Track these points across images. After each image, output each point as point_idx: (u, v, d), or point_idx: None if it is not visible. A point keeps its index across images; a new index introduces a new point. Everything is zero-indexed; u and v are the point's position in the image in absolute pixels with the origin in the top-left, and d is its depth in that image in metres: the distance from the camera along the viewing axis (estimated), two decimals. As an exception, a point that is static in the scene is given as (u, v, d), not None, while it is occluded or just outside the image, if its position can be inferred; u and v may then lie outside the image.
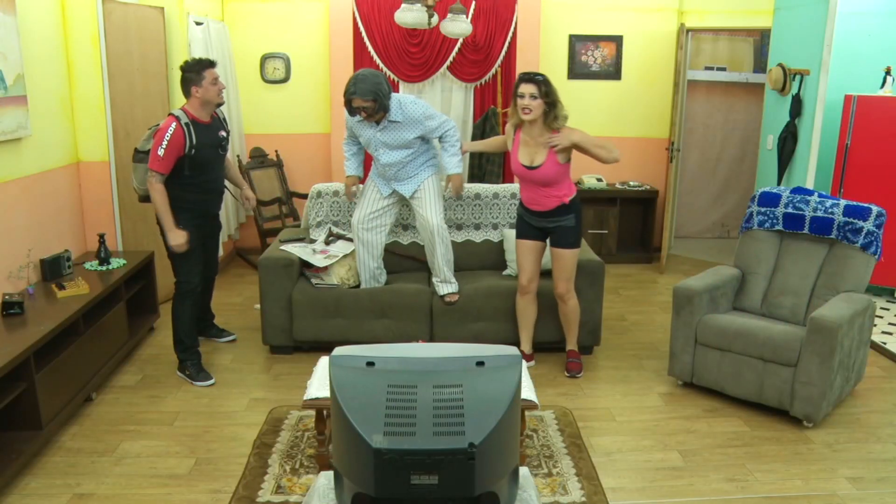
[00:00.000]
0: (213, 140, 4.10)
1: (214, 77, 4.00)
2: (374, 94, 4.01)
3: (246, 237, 6.82)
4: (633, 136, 7.00)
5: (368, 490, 1.59)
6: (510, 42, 6.45)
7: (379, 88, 4.03)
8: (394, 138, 4.24)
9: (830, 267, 4.01)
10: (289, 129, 6.74)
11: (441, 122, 4.31)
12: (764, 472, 3.31)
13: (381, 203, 4.46)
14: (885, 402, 4.06)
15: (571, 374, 4.31)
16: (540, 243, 4.20)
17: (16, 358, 3.08)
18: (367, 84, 4.01)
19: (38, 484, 3.14)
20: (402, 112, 4.18)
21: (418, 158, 4.37)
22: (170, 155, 3.89)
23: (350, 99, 4.06)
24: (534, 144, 4.01)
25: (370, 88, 4.01)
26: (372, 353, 1.68)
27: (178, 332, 4.21)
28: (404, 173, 4.37)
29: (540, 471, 3.28)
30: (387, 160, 4.30)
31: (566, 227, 4.08)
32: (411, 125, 4.22)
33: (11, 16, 3.83)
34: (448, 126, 4.34)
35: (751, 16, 6.63)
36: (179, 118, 3.93)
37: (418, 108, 4.21)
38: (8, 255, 3.88)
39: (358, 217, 4.45)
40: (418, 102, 4.25)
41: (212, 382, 4.17)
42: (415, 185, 4.41)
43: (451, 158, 4.41)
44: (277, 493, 3.09)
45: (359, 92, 4.01)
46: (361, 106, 4.05)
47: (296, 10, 6.52)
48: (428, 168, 4.44)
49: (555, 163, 3.95)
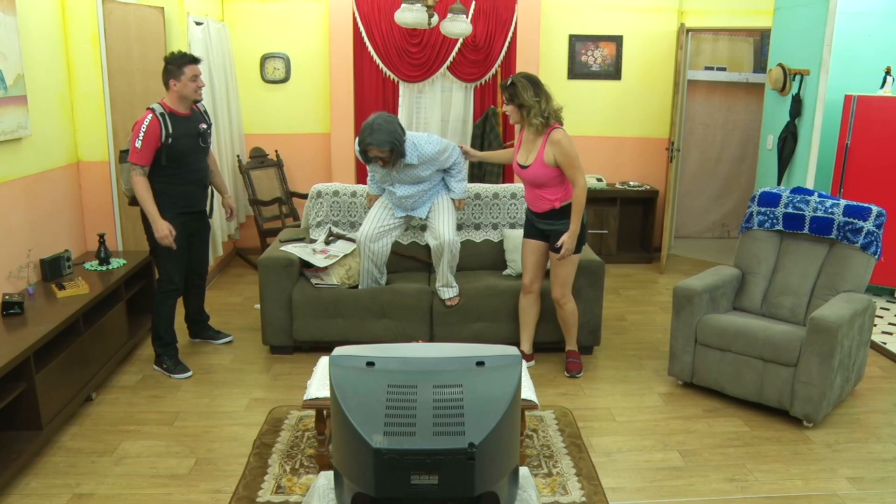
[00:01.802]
0: (192, 131, 4.11)
1: (194, 74, 4.00)
2: (391, 143, 3.98)
3: (246, 237, 6.82)
4: (633, 136, 7.00)
5: (368, 490, 1.59)
6: (510, 42, 6.45)
7: (395, 137, 3.99)
8: (409, 176, 4.26)
9: (830, 267, 4.01)
10: (289, 129, 6.74)
11: (451, 152, 4.32)
12: (764, 472, 3.31)
13: (390, 220, 4.43)
14: (885, 402, 4.05)
15: (571, 375, 4.31)
16: (542, 244, 4.20)
17: (16, 358, 3.08)
18: (382, 134, 3.96)
19: (38, 484, 3.14)
20: (418, 153, 4.16)
21: (434, 187, 4.42)
22: (147, 146, 3.91)
23: (366, 149, 4.03)
24: (529, 144, 4.04)
25: (387, 139, 3.96)
26: (372, 353, 1.68)
27: (158, 328, 4.25)
28: (420, 201, 4.40)
29: (540, 471, 3.28)
30: (403, 193, 4.32)
31: (562, 232, 4.08)
32: (427, 164, 4.23)
33: (11, 16, 3.82)
34: (456, 154, 4.37)
35: (751, 16, 6.63)
36: (155, 110, 3.97)
37: (432, 147, 4.20)
38: (8, 255, 3.88)
39: (365, 232, 4.37)
40: (432, 140, 4.22)
41: (189, 375, 4.21)
42: (428, 206, 4.44)
43: (458, 184, 4.46)
44: (277, 493, 3.09)
45: (375, 142, 3.96)
46: (378, 156, 4.04)
47: (296, 10, 6.52)
48: (440, 190, 4.48)
49: (542, 164, 3.96)
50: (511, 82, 3.94)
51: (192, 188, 4.22)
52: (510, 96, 3.95)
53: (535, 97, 3.90)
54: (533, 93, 3.90)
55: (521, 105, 3.92)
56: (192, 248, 4.38)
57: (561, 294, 4.19)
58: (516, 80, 3.94)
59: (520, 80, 3.93)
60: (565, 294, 4.20)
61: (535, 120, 3.91)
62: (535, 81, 3.95)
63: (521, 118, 3.98)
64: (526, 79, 3.94)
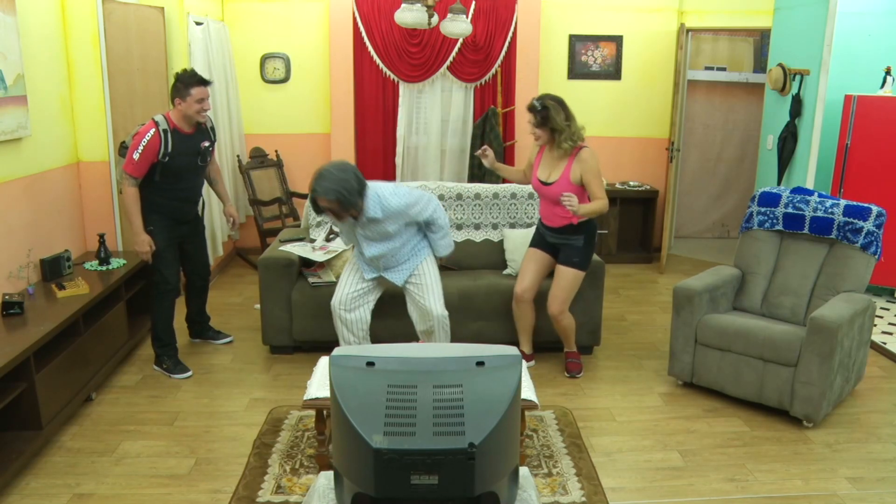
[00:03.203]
0: (191, 149, 4.08)
1: (201, 97, 3.96)
2: (336, 193, 3.47)
3: (246, 237, 6.82)
4: (633, 136, 7.00)
5: (368, 490, 1.59)
6: (510, 42, 6.45)
7: (343, 186, 3.47)
8: (375, 232, 3.79)
9: (830, 267, 4.01)
10: (289, 129, 6.74)
11: (424, 205, 3.81)
12: (764, 472, 3.31)
13: (363, 284, 4.03)
14: (885, 402, 4.05)
15: (571, 375, 4.31)
16: (547, 257, 4.21)
17: (16, 358, 3.08)
18: (330, 182, 3.47)
19: (38, 484, 3.14)
20: (382, 207, 3.66)
21: (407, 245, 3.92)
22: (144, 160, 3.92)
23: (314, 197, 3.55)
24: (552, 162, 4.04)
25: (333, 187, 3.46)
26: (372, 353, 1.68)
27: (156, 328, 4.26)
28: (394, 262, 3.94)
29: (540, 471, 3.28)
30: (371, 253, 3.87)
31: (573, 246, 4.08)
32: (394, 219, 3.74)
33: (11, 16, 3.82)
34: (431, 209, 3.85)
35: (751, 16, 6.63)
36: (159, 124, 3.95)
37: (399, 200, 3.71)
38: (8, 255, 3.88)
39: (338, 299, 4.00)
40: (398, 192, 3.73)
41: (189, 375, 4.22)
42: (407, 271, 3.98)
43: (441, 241, 3.99)
44: (277, 493, 3.09)
45: (321, 191, 3.48)
46: (327, 207, 3.56)
47: (296, 10, 6.52)
48: (421, 251, 3.99)
49: (567, 182, 3.97)
50: (543, 106, 3.92)
51: (180, 203, 4.21)
52: (542, 119, 3.92)
53: (566, 121, 3.92)
54: (564, 116, 3.92)
55: (553, 129, 3.92)
56: (188, 252, 4.39)
57: (559, 310, 4.17)
58: (548, 104, 3.92)
59: (551, 104, 3.92)
60: (563, 310, 4.19)
61: (565, 144, 3.93)
62: (564, 104, 3.96)
63: (550, 140, 3.99)
64: (556, 101, 3.94)
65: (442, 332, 4.07)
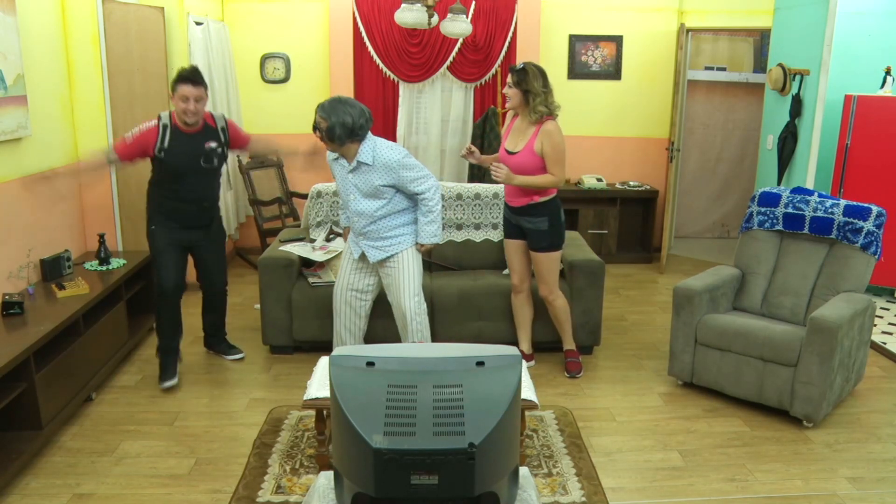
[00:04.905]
0: (192, 149, 3.91)
1: (184, 95, 3.78)
2: (329, 114, 3.63)
3: (246, 237, 6.82)
4: (633, 136, 7.00)
5: (368, 490, 1.59)
6: (510, 42, 6.45)
7: (342, 111, 3.63)
8: (364, 182, 3.78)
9: (830, 267, 4.01)
10: (289, 129, 6.73)
11: (419, 175, 3.79)
12: (764, 472, 3.31)
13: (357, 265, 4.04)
14: (885, 402, 4.06)
15: (571, 375, 4.31)
16: (523, 243, 4.21)
17: (16, 358, 3.08)
18: (333, 105, 3.68)
19: (38, 484, 3.14)
20: (374, 154, 3.73)
21: (392, 217, 3.86)
22: (134, 145, 3.85)
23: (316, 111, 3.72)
24: (520, 132, 4.04)
25: (332, 109, 3.65)
26: (372, 353, 1.68)
27: (156, 330, 4.22)
28: (374, 231, 3.87)
29: (540, 471, 3.28)
30: (357, 208, 3.85)
31: (539, 231, 4.07)
32: (382, 171, 3.74)
33: (11, 16, 3.82)
34: (427, 184, 3.81)
35: (751, 16, 6.63)
36: (161, 119, 3.88)
37: (393, 154, 3.73)
38: (8, 255, 3.88)
39: (339, 285, 4.09)
40: (395, 148, 3.78)
41: (172, 384, 4.06)
42: (385, 252, 3.90)
43: (427, 227, 3.86)
44: (277, 493, 3.09)
45: (321, 109, 3.68)
46: (317, 121, 3.68)
47: (296, 10, 6.52)
48: (404, 236, 3.91)
49: (530, 152, 3.95)
50: (522, 67, 3.93)
51: (186, 206, 4.01)
52: (518, 80, 3.91)
53: (543, 87, 3.92)
54: (542, 83, 3.91)
55: (528, 91, 3.91)
56: (200, 262, 4.23)
57: (548, 291, 4.19)
58: (528, 66, 3.93)
59: (531, 67, 3.93)
60: (552, 291, 4.20)
61: (539, 107, 3.90)
62: (545, 73, 3.97)
63: (520, 104, 3.96)
64: (537, 68, 3.95)
65: (413, 327, 3.94)
